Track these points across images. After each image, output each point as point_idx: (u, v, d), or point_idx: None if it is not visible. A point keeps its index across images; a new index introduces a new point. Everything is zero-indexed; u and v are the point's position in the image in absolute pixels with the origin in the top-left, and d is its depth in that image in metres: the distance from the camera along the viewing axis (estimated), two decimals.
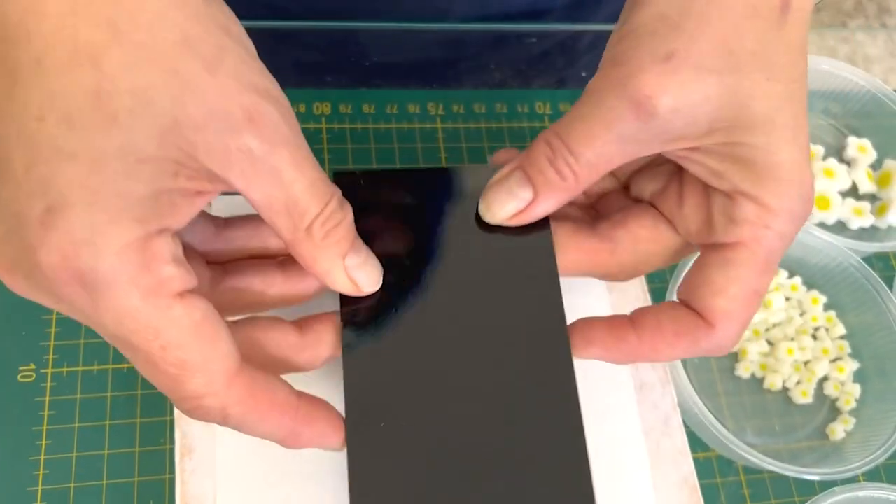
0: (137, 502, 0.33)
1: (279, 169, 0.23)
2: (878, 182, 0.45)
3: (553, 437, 0.29)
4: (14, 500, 0.32)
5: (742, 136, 0.26)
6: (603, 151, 0.27)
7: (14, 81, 0.21)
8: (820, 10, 2.02)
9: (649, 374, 0.37)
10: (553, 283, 0.30)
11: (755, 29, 0.26)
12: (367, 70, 0.45)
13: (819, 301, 0.41)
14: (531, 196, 0.28)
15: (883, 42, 0.78)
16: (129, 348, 0.22)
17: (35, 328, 0.35)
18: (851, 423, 0.40)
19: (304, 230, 0.25)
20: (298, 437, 0.26)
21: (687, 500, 0.35)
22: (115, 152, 0.21)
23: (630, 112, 0.26)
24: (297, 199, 0.24)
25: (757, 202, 0.26)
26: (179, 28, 0.21)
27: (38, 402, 0.34)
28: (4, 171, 0.21)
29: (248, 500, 0.32)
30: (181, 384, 0.23)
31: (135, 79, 0.21)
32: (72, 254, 0.20)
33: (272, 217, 0.24)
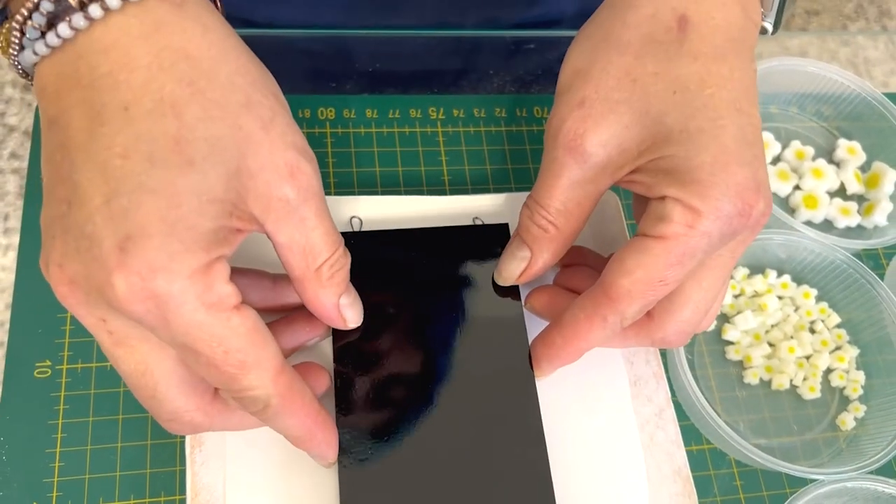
0: (149, 492, 0.34)
1: (306, 218, 0.27)
2: (866, 183, 0.47)
3: (520, 454, 0.33)
4: (32, 491, 0.33)
5: (663, 150, 0.29)
6: (565, 198, 0.31)
7: (100, 123, 0.23)
8: (820, 14, 2.03)
9: (643, 369, 0.38)
10: (520, 325, 0.36)
11: (655, 52, 0.29)
12: (370, 76, 0.46)
13: (811, 295, 0.43)
14: (529, 254, 0.33)
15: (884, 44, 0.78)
16: (193, 354, 0.25)
17: (50, 326, 0.36)
18: (862, 410, 0.41)
19: (315, 271, 0.28)
20: (313, 438, 0.30)
21: (680, 489, 0.36)
22: (190, 191, 0.24)
23: (568, 158, 0.30)
24: (314, 244, 0.27)
25: (682, 204, 0.28)
26: (244, 92, 0.25)
27: (54, 397, 0.35)
28: (79, 199, 0.23)
29: (255, 489, 0.33)
30: (237, 380, 0.26)
31: (209, 130, 0.24)
32: (149, 277, 0.23)
33: (289, 257, 0.28)
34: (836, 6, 2.20)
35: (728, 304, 0.42)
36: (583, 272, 0.35)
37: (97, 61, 0.24)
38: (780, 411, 0.41)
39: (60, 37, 0.24)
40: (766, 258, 0.43)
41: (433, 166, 0.43)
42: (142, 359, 0.26)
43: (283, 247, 0.27)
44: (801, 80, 0.47)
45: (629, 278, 0.29)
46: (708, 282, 0.31)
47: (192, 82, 0.24)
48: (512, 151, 0.44)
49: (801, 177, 0.46)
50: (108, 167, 0.23)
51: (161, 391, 0.26)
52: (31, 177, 0.40)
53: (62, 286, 0.24)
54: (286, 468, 0.33)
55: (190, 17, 0.25)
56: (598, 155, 0.30)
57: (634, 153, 0.29)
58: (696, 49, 0.29)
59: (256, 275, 0.32)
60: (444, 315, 0.36)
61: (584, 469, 0.35)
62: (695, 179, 0.28)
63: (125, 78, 0.24)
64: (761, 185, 0.28)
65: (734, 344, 0.42)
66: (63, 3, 0.24)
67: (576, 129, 0.30)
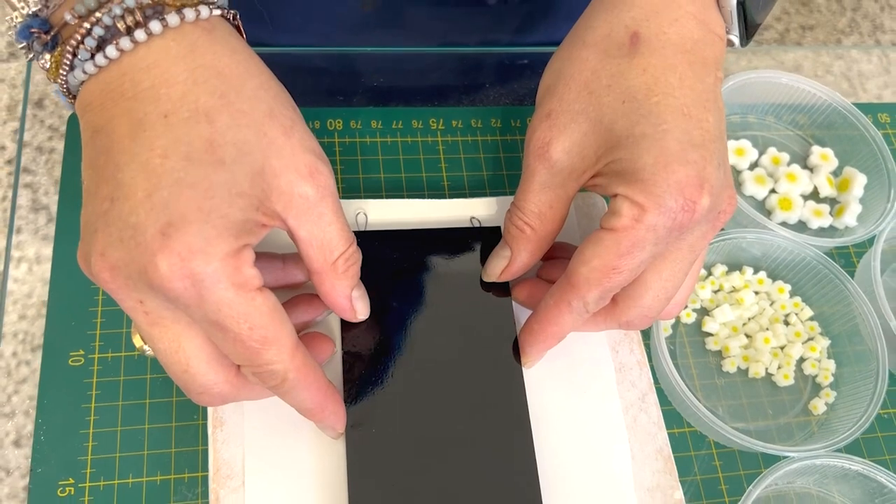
0: (174, 470, 0.37)
1: (323, 214, 0.30)
2: (838, 187, 0.50)
3: (506, 434, 0.37)
4: (68, 467, 0.37)
5: (614, 154, 0.32)
6: (538, 201, 0.35)
7: (142, 129, 0.27)
8: (814, 28, 2.06)
9: (628, 357, 0.41)
10: (508, 318, 0.39)
11: (608, 67, 0.33)
12: (375, 91, 0.50)
13: (785, 290, 0.46)
14: (509, 253, 0.37)
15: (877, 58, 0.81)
16: (222, 329, 0.28)
17: (83, 319, 0.40)
18: (833, 396, 0.44)
19: (332, 264, 0.32)
20: (323, 410, 0.33)
21: (662, 467, 0.39)
22: (221, 186, 0.27)
23: (538, 164, 0.34)
24: (331, 238, 0.31)
25: (629, 200, 0.32)
26: (267, 104, 0.29)
27: (87, 383, 0.39)
28: (123, 194, 0.27)
29: (272, 464, 0.36)
30: (259, 355, 0.29)
31: (237, 135, 0.28)
32: (188, 258, 0.26)
33: (308, 251, 0.31)
34: (830, 21, 2.24)
35: (708, 298, 0.45)
36: (561, 264, 0.38)
37: (140, 77, 0.28)
38: (757, 397, 0.44)
39: (108, 58, 0.28)
40: (743, 256, 0.46)
41: (433, 172, 0.46)
42: (174, 337, 0.29)
43: (303, 241, 0.31)
44: (777, 92, 0.51)
45: (587, 267, 0.33)
46: (668, 273, 0.34)
47: (223, 95, 0.28)
48: (507, 159, 0.48)
49: (776, 181, 0.49)
50: (149, 166, 0.27)
51: (193, 366, 0.30)
52: (64, 186, 0.44)
53: (104, 272, 0.28)
54: (298, 445, 0.37)
55: (219, 40, 0.29)
56: (563, 161, 0.34)
57: (593, 159, 0.33)
58: (645, 62, 0.33)
59: (268, 257, 0.36)
60: (441, 308, 0.39)
61: (572, 448, 0.39)
62: (639, 179, 0.31)
63: (165, 91, 0.27)
64: (706, 183, 0.31)
65: (713, 335, 0.45)
66: (112, 29, 0.28)
67: (543, 137, 0.34)
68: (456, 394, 0.37)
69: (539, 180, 0.35)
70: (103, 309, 0.40)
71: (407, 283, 0.40)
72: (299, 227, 0.30)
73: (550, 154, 0.34)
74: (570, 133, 0.33)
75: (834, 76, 0.65)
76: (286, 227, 0.30)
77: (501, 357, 0.39)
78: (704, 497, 0.40)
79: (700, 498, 0.40)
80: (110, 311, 0.40)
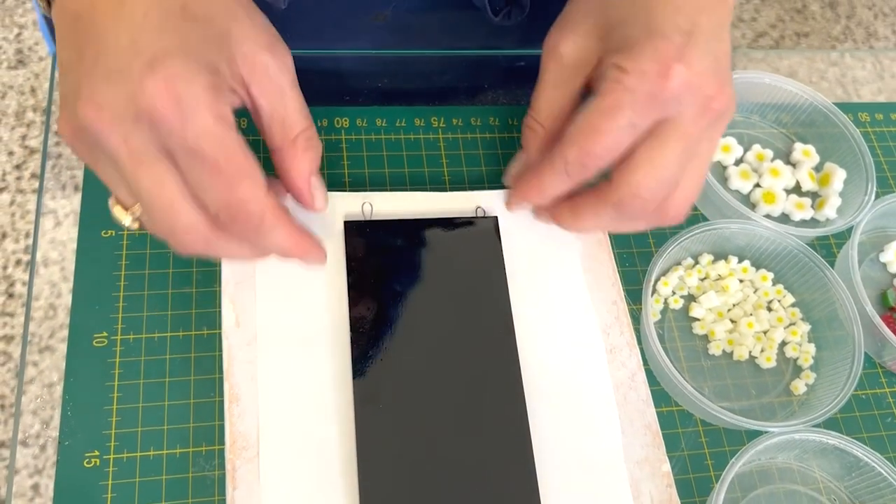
0: (193, 443, 0.40)
1: (283, 88, 0.34)
2: (819, 182, 0.52)
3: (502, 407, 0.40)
4: (93, 441, 0.39)
5: (612, 32, 0.37)
6: (548, 98, 0.39)
7: (122, 4, 0.31)
8: (809, 36, 2.09)
9: (618, 339, 0.44)
10: (504, 298, 0.42)
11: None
12: (380, 91, 0.53)
13: (768, 278, 0.48)
14: (525, 156, 0.42)
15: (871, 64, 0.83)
16: (200, 158, 0.31)
17: (107, 303, 0.42)
18: (813, 377, 0.46)
19: (292, 140, 0.35)
20: (302, 246, 0.36)
21: (650, 441, 0.42)
22: (194, 34, 0.31)
23: (549, 61, 0.39)
24: (290, 115, 0.34)
25: (616, 66, 0.35)
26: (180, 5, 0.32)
27: (110, 362, 0.41)
28: (109, 47, 0.30)
29: (284, 435, 0.38)
30: (235, 189, 0.32)
31: (206, 5, 0.32)
32: (173, 81, 0.30)
33: (270, 125, 0.35)
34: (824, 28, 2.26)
35: (695, 285, 0.48)
36: None
37: None
38: (741, 378, 0.46)
39: None
40: (728, 246, 0.49)
41: (435, 168, 0.49)
42: (158, 175, 0.31)
43: (265, 115, 0.34)
44: (761, 92, 0.53)
45: (572, 125, 0.37)
46: (657, 152, 0.36)
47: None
48: (504, 155, 0.50)
49: (760, 176, 0.52)
50: (133, 23, 0.30)
51: (178, 202, 0.32)
52: (87, 185, 0.46)
53: (90, 112, 0.30)
54: (309, 418, 0.39)
55: None
56: (570, 55, 0.38)
57: (595, 50, 0.37)
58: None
59: None
60: (441, 290, 0.42)
61: (566, 424, 0.41)
62: (626, 47, 0.35)
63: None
64: (684, 57, 0.35)
65: (700, 320, 0.47)
66: None
67: (555, 37, 0.38)
68: (457, 371, 0.40)
69: (549, 79, 0.38)
70: (125, 294, 0.43)
71: (410, 268, 0.42)
72: (260, 96, 0.33)
73: (560, 50, 0.38)
74: (578, 29, 0.37)
75: (829, 82, 0.67)
76: (249, 99, 0.34)
77: (499, 336, 0.41)
78: (691, 471, 0.43)
79: (687, 472, 0.43)
80: (131, 296, 0.43)
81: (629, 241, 0.48)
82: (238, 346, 0.40)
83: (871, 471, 0.42)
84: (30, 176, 1.53)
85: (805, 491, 0.43)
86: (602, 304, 0.44)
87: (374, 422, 0.38)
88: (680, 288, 0.48)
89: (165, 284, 0.43)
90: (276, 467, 0.38)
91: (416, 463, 0.38)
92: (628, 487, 0.40)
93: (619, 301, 0.45)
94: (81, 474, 0.38)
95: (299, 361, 0.40)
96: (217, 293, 0.43)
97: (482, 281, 0.43)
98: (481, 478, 0.38)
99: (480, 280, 0.43)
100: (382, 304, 0.41)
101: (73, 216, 0.46)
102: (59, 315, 0.43)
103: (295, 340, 0.40)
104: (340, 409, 0.39)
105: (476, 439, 0.39)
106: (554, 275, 0.45)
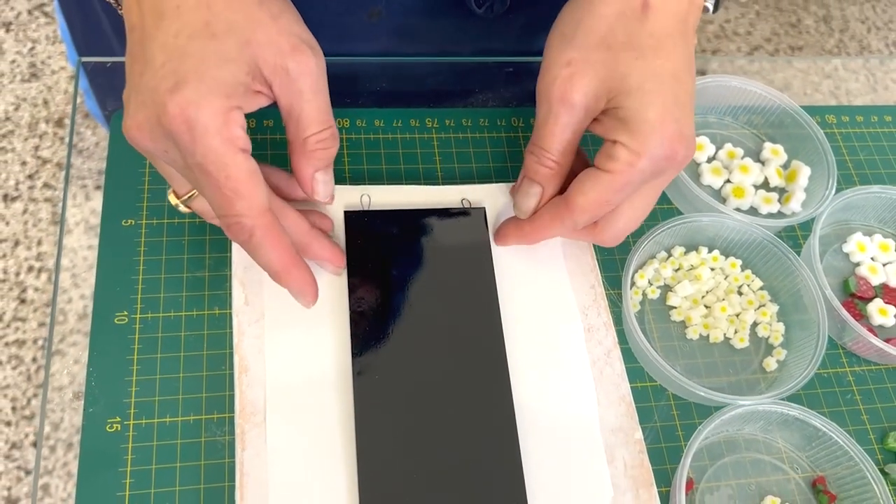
0: (205, 411, 0.44)
1: (302, 91, 0.37)
2: (786, 178, 0.56)
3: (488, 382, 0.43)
4: (115, 408, 0.43)
5: (621, 102, 0.40)
6: (562, 140, 0.42)
7: (161, 18, 0.35)
8: (803, 49, 2.14)
9: (596, 319, 0.48)
10: (490, 282, 0.46)
11: (623, 25, 0.40)
12: (378, 94, 0.57)
13: (737, 264, 0.52)
14: (540, 190, 0.44)
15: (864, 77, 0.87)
16: (205, 174, 0.36)
17: (127, 284, 0.46)
18: (783, 354, 0.50)
19: (302, 140, 0.39)
20: (289, 274, 0.40)
21: (624, 412, 0.45)
22: (213, 54, 0.35)
23: (561, 108, 0.41)
24: (306, 116, 0.38)
25: (627, 147, 0.39)
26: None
27: (130, 338, 0.45)
28: (150, 67, 0.35)
29: (289, 402, 0.42)
30: (231, 205, 0.36)
31: (228, 16, 0.36)
32: (185, 107, 0.34)
33: (288, 122, 0.39)
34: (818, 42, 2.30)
35: (670, 276, 0.51)
36: None
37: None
38: (717, 358, 0.50)
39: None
40: (698, 237, 0.52)
41: (429, 164, 0.53)
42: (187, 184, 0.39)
43: (284, 112, 0.38)
44: (731, 94, 0.57)
45: (584, 197, 0.41)
46: (638, 203, 0.43)
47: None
48: (493, 153, 0.54)
49: (731, 172, 0.55)
50: (165, 44, 0.35)
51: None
52: (109, 180, 0.50)
53: (133, 130, 0.36)
54: (312, 388, 0.43)
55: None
56: (581, 103, 0.40)
57: (603, 101, 0.41)
58: (651, 27, 0.40)
59: (278, 170, 0.44)
60: (433, 273, 0.46)
61: (547, 394, 0.45)
62: (640, 129, 0.39)
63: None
64: (684, 137, 0.40)
65: (677, 308, 0.51)
66: None
67: (565, 85, 0.40)
68: (447, 345, 0.44)
69: (562, 122, 0.41)
70: (143, 277, 0.47)
71: (404, 253, 0.46)
72: (280, 97, 0.37)
73: (573, 99, 0.40)
74: (588, 80, 0.40)
75: (822, 94, 0.71)
76: (274, 97, 0.37)
77: (486, 315, 0.45)
78: (663, 441, 0.46)
79: (659, 441, 0.46)
80: (149, 279, 0.47)
81: None
82: (247, 323, 0.44)
83: (829, 440, 0.46)
84: (42, 185, 1.58)
85: (769, 460, 0.47)
86: (581, 287, 0.48)
87: (370, 389, 0.42)
88: (656, 279, 0.51)
89: (181, 268, 0.47)
90: (281, 430, 0.41)
91: (408, 427, 0.41)
92: (603, 453, 0.44)
93: (597, 286, 0.49)
94: (104, 438, 0.42)
95: (302, 336, 0.44)
96: (228, 276, 0.47)
97: (471, 265, 0.47)
98: (468, 441, 0.41)
99: (469, 265, 0.47)
100: (379, 286, 0.45)
101: (84, 224, 0.50)
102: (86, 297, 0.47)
103: (298, 317, 0.44)
104: (340, 378, 0.43)
105: (463, 406, 0.42)
106: (537, 261, 0.48)
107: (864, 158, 0.59)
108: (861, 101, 1.00)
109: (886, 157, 0.60)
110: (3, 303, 1.44)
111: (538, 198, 0.44)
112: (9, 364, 1.41)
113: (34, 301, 1.51)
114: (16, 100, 1.63)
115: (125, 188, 0.49)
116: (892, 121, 0.62)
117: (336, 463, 0.41)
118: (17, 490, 1.36)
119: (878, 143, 0.61)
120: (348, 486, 0.40)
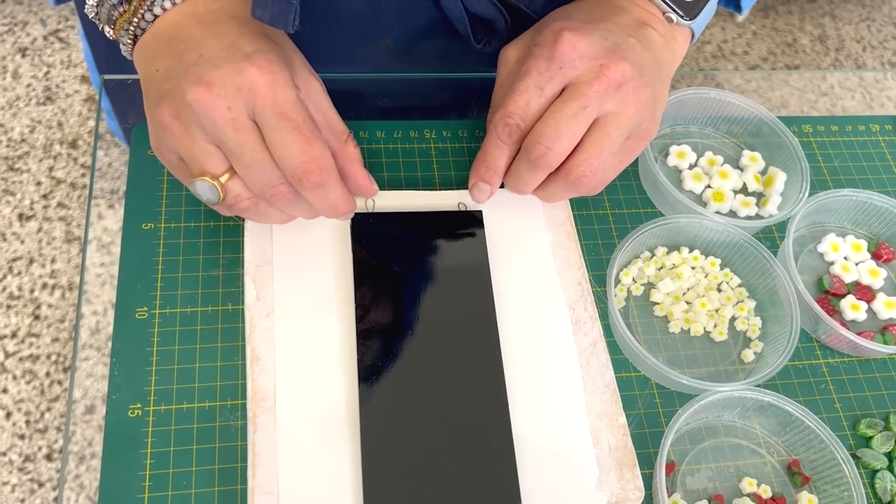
0: (220, 398, 0.47)
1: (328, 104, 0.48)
2: (764, 183, 0.60)
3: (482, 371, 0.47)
4: (136, 395, 0.46)
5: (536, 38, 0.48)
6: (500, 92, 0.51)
7: (187, 49, 0.42)
8: (799, 68, 2.18)
9: (582, 313, 0.51)
10: (486, 281, 0.50)
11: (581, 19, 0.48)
12: (380, 108, 0.61)
13: (716, 263, 0.55)
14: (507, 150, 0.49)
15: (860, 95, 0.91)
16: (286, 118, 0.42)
17: (147, 282, 0.50)
18: (760, 346, 0.53)
19: (343, 141, 0.47)
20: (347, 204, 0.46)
21: (609, 398, 0.49)
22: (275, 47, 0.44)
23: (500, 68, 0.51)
24: (336, 123, 0.47)
25: (533, 56, 0.46)
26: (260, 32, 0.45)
27: (149, 332, 0.49)
28: (209, 49, 0.42)
29: (297, 388, 0.46)
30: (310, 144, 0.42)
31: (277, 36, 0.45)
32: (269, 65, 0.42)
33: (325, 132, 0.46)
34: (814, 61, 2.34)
35: (653, 274, 0.55)
36: None
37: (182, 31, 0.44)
38: (697, 350, 0.53)
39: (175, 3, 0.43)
40: (680, 238, 0.56)
41: (427, 171, 0.57)
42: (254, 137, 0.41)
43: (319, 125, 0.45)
44: (712, 105, 0.61)
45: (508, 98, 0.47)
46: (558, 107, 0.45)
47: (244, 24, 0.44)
48: None
49: (711, 178, 0.59)
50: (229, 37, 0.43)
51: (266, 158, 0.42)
52: (131, 184, 0.54)
53: (199, 89, 0.40)
54: (318, 375, 0.46)
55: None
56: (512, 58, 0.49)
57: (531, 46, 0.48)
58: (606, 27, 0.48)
59: None
60: (432, 271, 0.49)
61: (537, 382, 0.48)
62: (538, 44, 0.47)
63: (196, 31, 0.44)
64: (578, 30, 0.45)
65: (659, 304, 0.54)
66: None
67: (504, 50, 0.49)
68: (445, 336, 0.47)
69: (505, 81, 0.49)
70: (162, 276, 0.50)
71: (406, 252, 0.50)
72: (316, 113, 0.45)
73: (507, 56, 0.49)
74: (519, 40, 0.49)
75: (819, 112, 0.74)
76: None
77: (481, 309, 0.48)
78: (647, 426, 0.49)
79: (643, 427, 0.49)
80: (167, 278, 0.50)
81: (595, 234, 0.56)
82: (258, 316, 0.48)
83: (802, 425, 0.49)
84: (56, 205, 1.62)
85: (747, 444, 0.50)
86: (568, 283, 0.52)
87: (373, 376, 0.45)
88: (640, 277, 0.55)
89: (196, 268, 0.51)
90: (290, 414, 0.45)
91: (408, 410, 0.45)
92: (589, 435, 0.47)
93: (584, 282, 0.52)
94: (126, 422, 0.45)
95: (310, 328, 0.47)
96: (240, 275, 0.50)
97: (468, 264, 0.50)
98: (464, 423, 0.45)
99: (466, 263, 0.50)
100: (382, 282, 0.49)
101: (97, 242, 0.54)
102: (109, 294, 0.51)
103: (307, 311, 0.48)
104: (345, 366, 0.46)
105: (460, 391, 0.46)
106: (528, 259, 0.52)
107: (839, 165, 0.63)
108: None
109: (860, 164, 0.63)
110: (17, 319, 1.47)
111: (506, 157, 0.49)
112: (23, 378, 1.45)
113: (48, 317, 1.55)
114: (31, 122, 1.69)
115: (145, 195, 0.53)
116: (865, 130, 0.66)
117: (341, 442, 0.44)
118: (30, 502, 1.38)
119: (851, 150, 0.64)
120: (352, 463, 0.44)
